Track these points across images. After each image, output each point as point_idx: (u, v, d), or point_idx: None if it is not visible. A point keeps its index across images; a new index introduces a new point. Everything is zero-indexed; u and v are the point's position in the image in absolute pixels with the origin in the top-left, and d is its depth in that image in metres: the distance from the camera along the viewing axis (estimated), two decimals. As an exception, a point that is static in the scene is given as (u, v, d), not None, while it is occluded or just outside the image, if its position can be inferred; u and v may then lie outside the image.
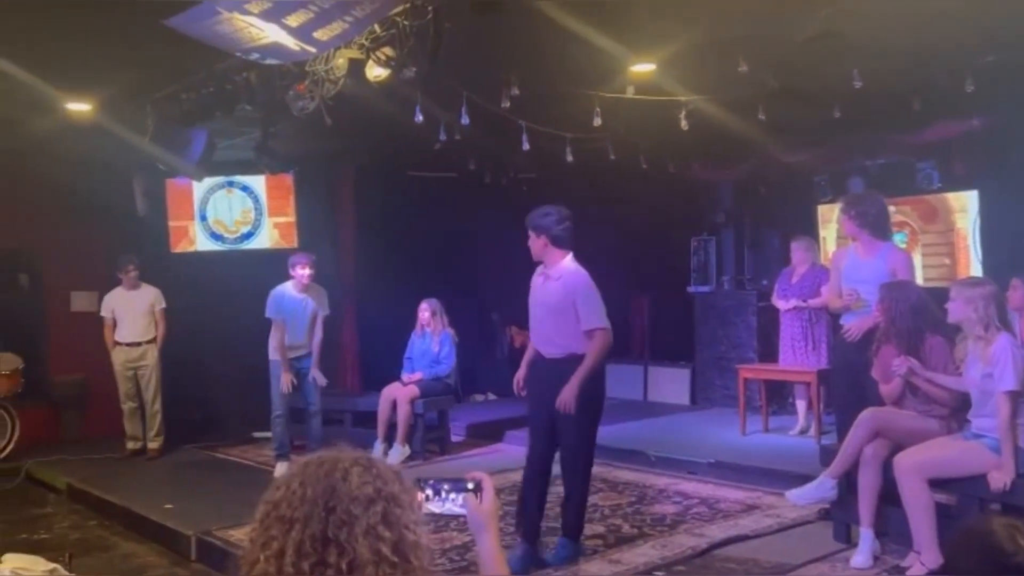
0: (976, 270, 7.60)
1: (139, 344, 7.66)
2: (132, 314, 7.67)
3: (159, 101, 6.15)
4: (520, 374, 5.01)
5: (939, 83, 6.03)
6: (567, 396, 4.50)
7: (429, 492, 1.68)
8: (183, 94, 5.94)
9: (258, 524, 1.36)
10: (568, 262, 4.80)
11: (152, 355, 7.70)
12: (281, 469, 6.77)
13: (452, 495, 1.68)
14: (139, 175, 8.07)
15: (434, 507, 1.68)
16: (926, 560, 4.11)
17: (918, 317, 4.49)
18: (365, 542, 1.29)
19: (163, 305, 7.74)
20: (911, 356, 4.44)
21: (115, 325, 7.67)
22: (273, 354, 6.92)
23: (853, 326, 5.08)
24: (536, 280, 4.93)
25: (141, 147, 6.44)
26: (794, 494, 4.78)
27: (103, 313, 7.71)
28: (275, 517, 1.33)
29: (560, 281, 4.71)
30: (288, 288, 6.93)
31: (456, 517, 1.69)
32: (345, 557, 1.28)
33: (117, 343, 7.66)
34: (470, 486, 1.67)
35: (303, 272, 6.88)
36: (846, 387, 5.22)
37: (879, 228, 5.18)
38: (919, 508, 4.18)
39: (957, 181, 7.90)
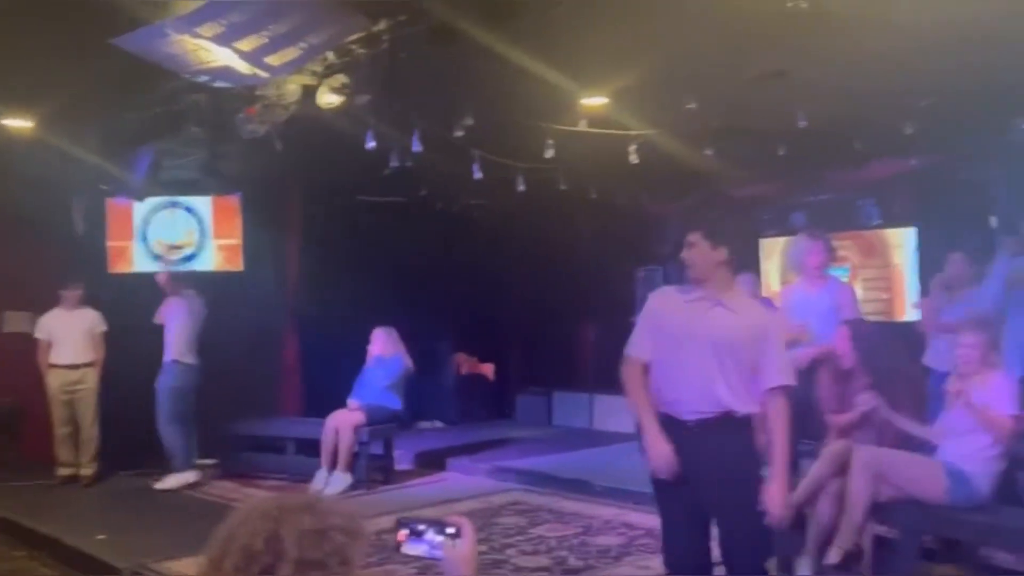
0: (912, 305, 7.81)
1: (77, 367, 7.44)
2: (71, 336, 7.45)
3: (103, 119, 6.04)
4: (666, 448, 3.41)
5: (879, 123, 6.23)
6: (776, 497, 3.29)
7: (406, 531, 1.63)
8: (129, 113, 5.84)
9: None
10: (741, 289, 3.72)
11: (91, 378, 7.49)
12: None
13: (429, 536, 1.62)
14: (79, 194, 7.87)
15: (410, 548, 1.63)
16: (842, 543, 4.26)
17: (894, 357, 4.62)
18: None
19: (104, 328, 7.55)
20: (881, 393, 4.56)
21: (50, 347, 7.45)
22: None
23: (800, 355, 5.24)
24: (682, 304, 3.53)
25: (82, 166, 6.29)
26: None
27: (38, 335, 7.47)
28: (230, 555, 1.30)
29: (743, 316, 3.42)
30: None
31: (432, 560, 1.62)
32: None
33: (53, 365, 7.43)
34: (450, 531, 1.61)
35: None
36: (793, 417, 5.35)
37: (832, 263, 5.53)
38: (858, 504, 4.29)
39: (895, 218, 8.14)
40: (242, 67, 4.46)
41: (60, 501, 6.98)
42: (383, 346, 7.54)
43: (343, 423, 7.17)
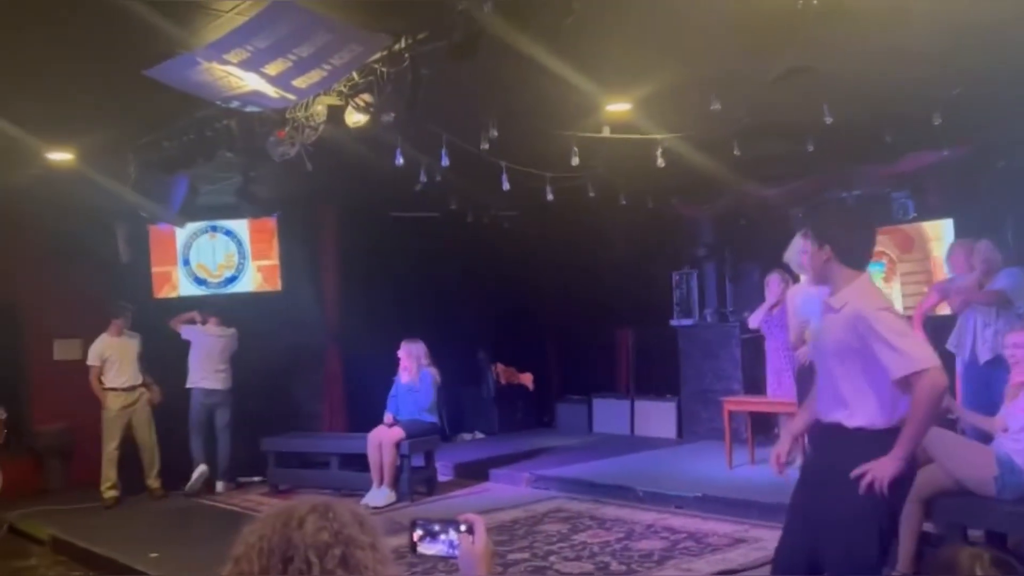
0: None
1: (134, 388, 7.75)
2: (125, 359, 7.74)
3: (140, 149, 6.21)
4: (782, 447, 3.51)
5: (909, 116, 6.17)
6: (886, 467, 2.97)
7: (420, 532, 1.68)
8: (164, 142, 6.00)
9: None
10: (859, 285, 3.24)
11: (146, 398, 7.81)
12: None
13: (443, 536, 1.67)
14: (121, 222, 8.10)
15: (425, 548, 1.67)
16: (900, 568, 4.20)
17: None
18: None
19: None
20: None
21: (102, 372, 7.69)
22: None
23: (801, 352, 5.48)
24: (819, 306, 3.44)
25: (123, 194, 6.48)
26: None
27: (91, 361, 7.72)
28: (236, 573, 1.35)
29: (842, 315, 3.18)
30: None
31: (446, 559, 1.67)
32: None
33: (111, 388, 7.69)
34: (463, 527, 1.66)
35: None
36: None
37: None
38: (906, 529, 4.23)
39: (932, 210, 8.04)
40: (270, 91, 4.58)
41: (112, 522, 7.15)
42: (410, 360, 7.60)
43: (385, 438, 7.26)
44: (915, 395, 2.99)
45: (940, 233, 8.05)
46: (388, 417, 7.43)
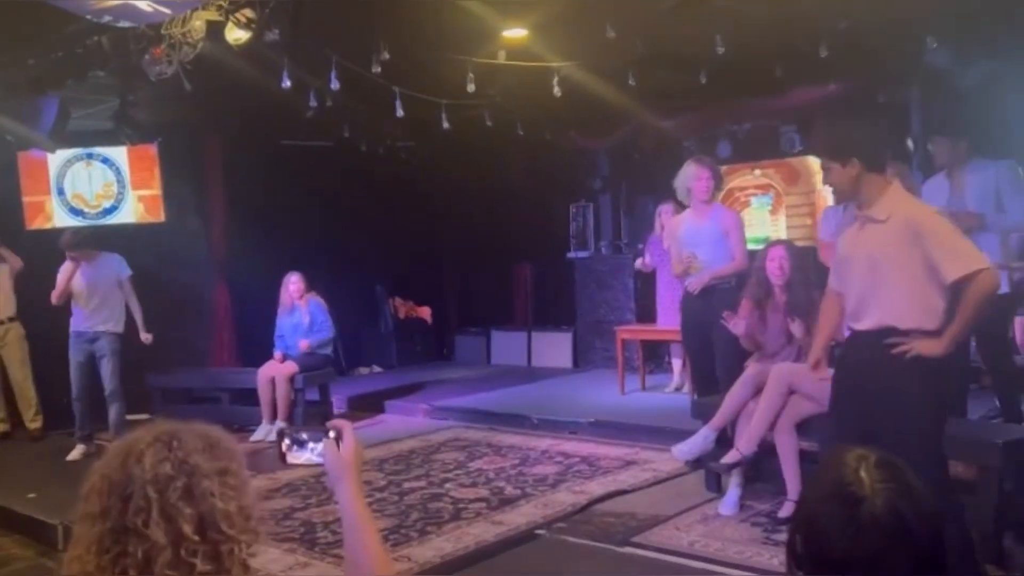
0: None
1: (1, 322, 7.30)
2: None
3: (3, 67, 5.77)
4: (819, 354, 3.64)
5: (798, 48, 6.28)
6: (930, 344, 3.10)
7: (287, 442, 1.67)
8: (30, 59, 5.58)
9: (74, 522, 1.33)
10: (896, 193, 3.23)
11: (15, 332, 7.35)
12: (76, 453, 6.67)
13: (312, 444, 1.65)
14: (-14, 148, 7.55)
15: (293, 457, 1.66)
16: (793, 495, 4.37)
17: (811, 287, 4.69)
18: (161, 524, 1.25)
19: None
20: (799, 317, 4.66)
21: None
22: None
23: (691, 281, 5.54)
24: (848, 230, 3.43)
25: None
26: (679, 449, 4.94)
27: None
28: (82, 514, 1.30)
29: (891, 224, 3.16)
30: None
31: (318, 466, 1.66)
32: (143, 544, 1.25)
33: None
34: (331, 435, 1.63)
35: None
36: (697, 339, 5.56)
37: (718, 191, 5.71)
38: (787, 455, 4.42)
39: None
40: (143, 4, 4.30)
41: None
42: (297, 291, 7.43)
43: (278, 373, 7.12)
44: (970, 292, 3.04)
45: (824, 167, 8.30)
46: (278, 355, 7.28)
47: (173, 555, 1.24)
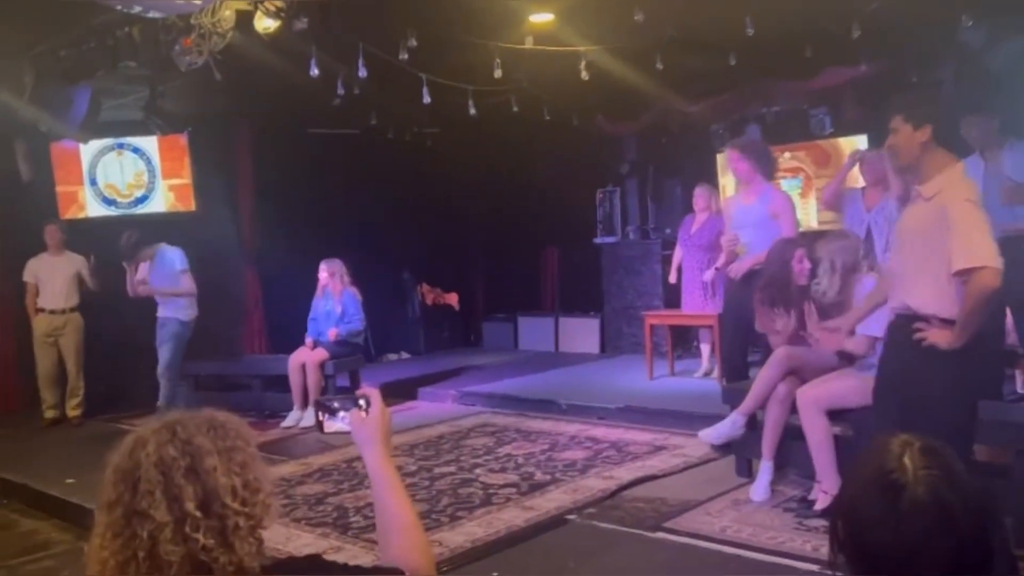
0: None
1: (63, 312, 7.42)
2: (56, 280, 7.41)
3: (36, 58, 5.84)
4: (850, 323, 3.86)
5: (828, 29, 6.21)
6: (944, 334, 3.09)
7: (322, 412, 1.69)
8: (62, 50, 5.65)
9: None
10: (954, 175, 3.18)
11: (74, 323, 7.48)
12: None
13: (342, 412, 1.67)
14: (20, 138, 7.65)
15: (328, 426, 1.69)
16: (827, 487, 4.31)
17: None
18: (164, 504, 1.28)
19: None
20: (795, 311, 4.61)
21: (38, 291, 7.40)
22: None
23: (733, 267, 5.50)
24: (908, 206, 3.35)
25: (19, 108, 6.10)
26: (706, 433, 4.93)
27: (27, 278, 7.42)
28: (98, 505, 1.34)
29: (932, 204, 3.13)
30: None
31: (348, 434, 1.68)
32: (149, 525, 1.27)
33: (40, 310, 7.40)
34: (361, 403, 1.65)
35: None
36: (732, 326, 5.50)
37: (767, 170, 5.51)
38: (818, 440, 4.36)
39: (848, 126, 8.16)
40: (173, -6, 4.33)
41: (28, 450, 6.95)
42: (328, 279, 7.46)
43: (309, 359, 7.17)
44: (968, 287, 3.04)
45: (855, 148, 8.19)
46: (309, 341, 7.33)
47: (176, 531, 1.27)
